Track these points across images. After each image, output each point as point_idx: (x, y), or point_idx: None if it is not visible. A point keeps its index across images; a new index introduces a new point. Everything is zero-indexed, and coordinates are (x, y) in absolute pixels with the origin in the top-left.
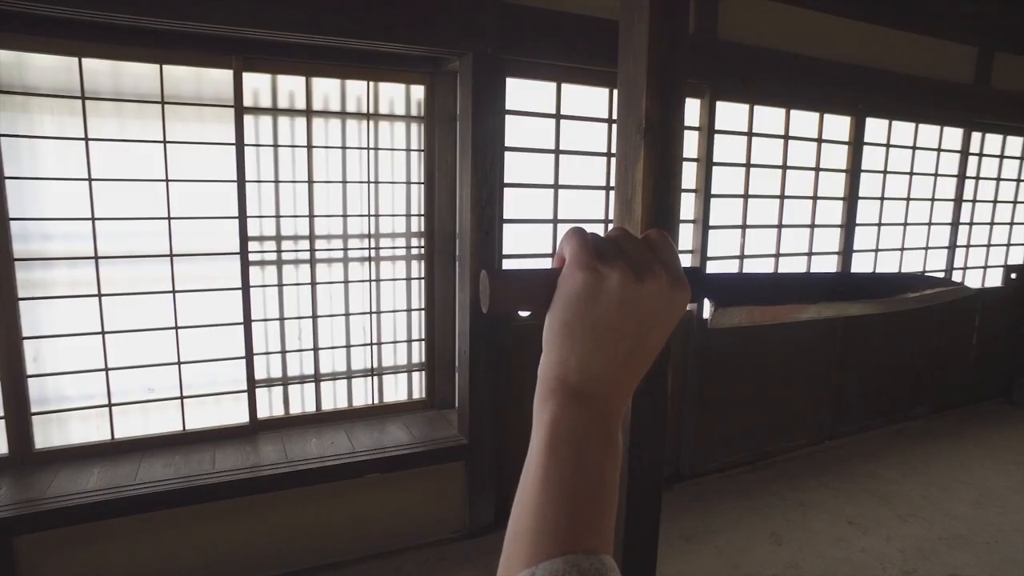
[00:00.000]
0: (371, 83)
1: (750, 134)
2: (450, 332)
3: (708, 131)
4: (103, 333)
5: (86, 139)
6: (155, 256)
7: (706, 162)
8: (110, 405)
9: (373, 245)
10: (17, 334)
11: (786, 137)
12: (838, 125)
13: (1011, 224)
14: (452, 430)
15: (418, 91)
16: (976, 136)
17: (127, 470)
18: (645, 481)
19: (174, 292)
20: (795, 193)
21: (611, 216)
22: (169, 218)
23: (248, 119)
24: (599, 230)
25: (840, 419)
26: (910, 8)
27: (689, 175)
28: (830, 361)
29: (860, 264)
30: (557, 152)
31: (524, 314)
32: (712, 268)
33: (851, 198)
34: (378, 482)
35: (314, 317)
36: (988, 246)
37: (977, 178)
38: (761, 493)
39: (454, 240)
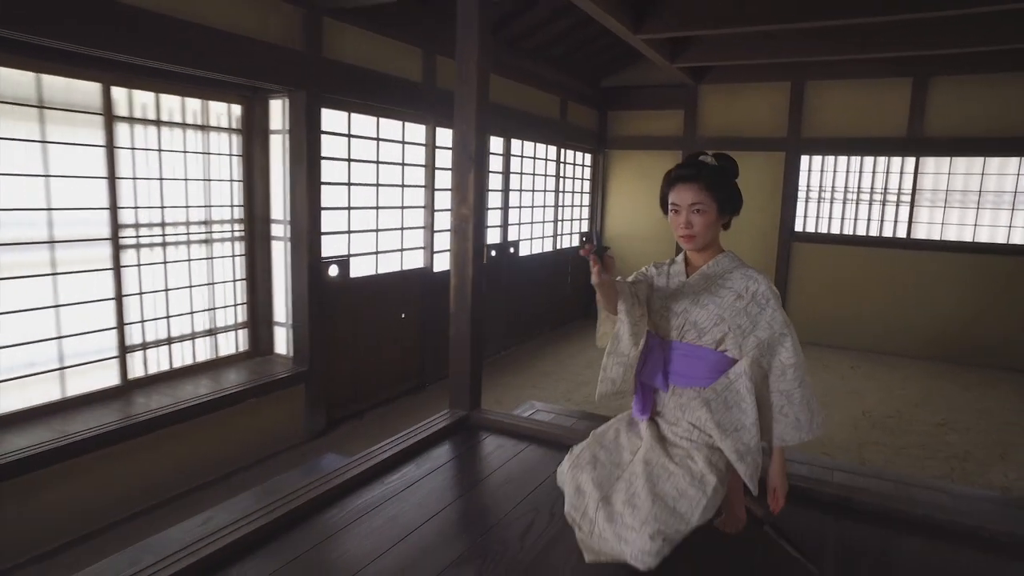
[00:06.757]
0: (204, 101)
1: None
2: (267, 295)
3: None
4: None
5: None
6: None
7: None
8: None
9: (208, 230)
10: None
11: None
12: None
13: (587, 206)
14: (281, 367)
15: (236, 109)
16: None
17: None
18: None
19: (54, 275)
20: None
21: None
22: (49, 209)
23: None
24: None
25: (507, 338)
26: (530, 72)
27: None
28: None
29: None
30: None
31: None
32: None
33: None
34: (238, 412)
35: (166, 290)
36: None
37: (560, 176)
38: None
39: (269, 224)
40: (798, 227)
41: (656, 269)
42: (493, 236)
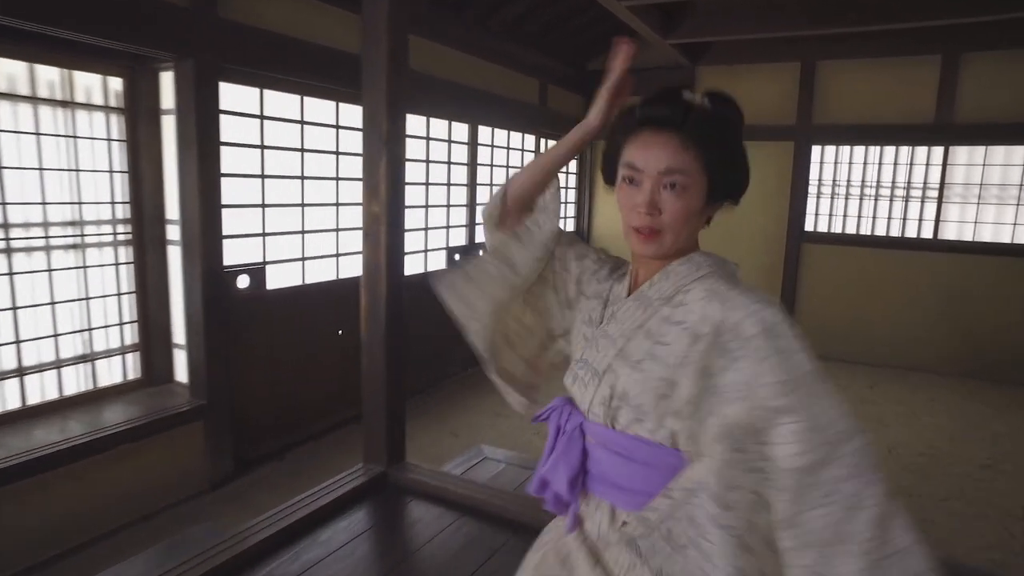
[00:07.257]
0: (65, 70)
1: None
2: (164, 312)
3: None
4: None
5: None
6: None
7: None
8: None
9: (79, 232)
10: None
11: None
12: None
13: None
14: (180, 399)
15: (116, 83)
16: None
17: None
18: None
19: None
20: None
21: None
22: None
23: None
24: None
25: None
26: (502, 52)
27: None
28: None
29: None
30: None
31: None
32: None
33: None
34: (110, 461)
35: (14, 308)
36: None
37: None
38: (435, 411)
39: (163, 225)
40: (808, 226)
41: (604, 268)
42: (457, 237)
